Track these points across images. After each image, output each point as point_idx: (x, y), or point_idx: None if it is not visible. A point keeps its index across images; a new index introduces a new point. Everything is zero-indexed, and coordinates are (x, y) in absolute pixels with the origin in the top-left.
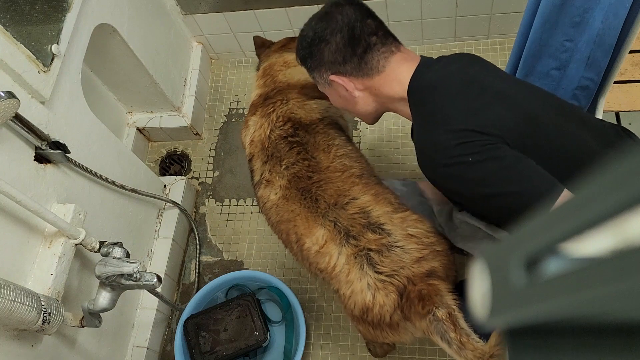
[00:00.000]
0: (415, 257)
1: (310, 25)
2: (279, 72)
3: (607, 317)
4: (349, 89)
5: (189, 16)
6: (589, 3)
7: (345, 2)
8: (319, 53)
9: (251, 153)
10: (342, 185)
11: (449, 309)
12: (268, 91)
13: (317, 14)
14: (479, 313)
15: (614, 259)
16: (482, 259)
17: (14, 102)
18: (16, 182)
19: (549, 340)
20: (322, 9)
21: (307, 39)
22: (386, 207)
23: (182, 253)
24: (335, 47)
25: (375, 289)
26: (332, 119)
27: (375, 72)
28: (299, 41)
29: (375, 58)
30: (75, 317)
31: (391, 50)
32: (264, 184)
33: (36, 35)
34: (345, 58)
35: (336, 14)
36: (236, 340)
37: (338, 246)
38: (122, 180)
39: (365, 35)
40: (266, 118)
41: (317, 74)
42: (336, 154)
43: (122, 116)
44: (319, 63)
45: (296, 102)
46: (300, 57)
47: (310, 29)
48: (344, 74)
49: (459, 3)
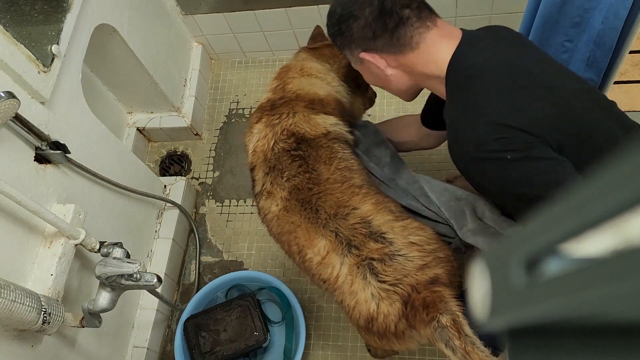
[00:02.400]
0: (418, 264)
1: (338, 1)
2: (291, 80)
3: (607, 317)
4: (381, 67)
5: (189, 16)
6: (589, 3)
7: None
8: (347, 30)
9: (253, 163)
10: (341, 196)
11: (453, 316)
12: (276, 99)
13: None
14: (479, 313)
15: (614, 259)
16: (482, 259)
17: (14, 102)
18: (16, 182)
19: (549, 340)
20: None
21: (335, 16)
22: (387, 215)
23: (182, 253)
24: (364, 22)
25: (379, 298)
26: (338, 133)
27: (408, 48)
28: (328, 18)
29: (408, 34)
30: (75, 317)
31: (426, 25)
32: (265, 195)
33: (36, 35)
34: (376, 33)
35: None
36: (236, 340)
37: (340, 256)
38: (122, 180)
39: (397, 7)
40: (271, 129)
41: (348, 52)
42: (337, 166)
43: (122, 116)
44: (348, 40)
45: (302, 115)
46: (330, 35)
47: (338, 4)
48: (374, 51)
49: (458, 3)
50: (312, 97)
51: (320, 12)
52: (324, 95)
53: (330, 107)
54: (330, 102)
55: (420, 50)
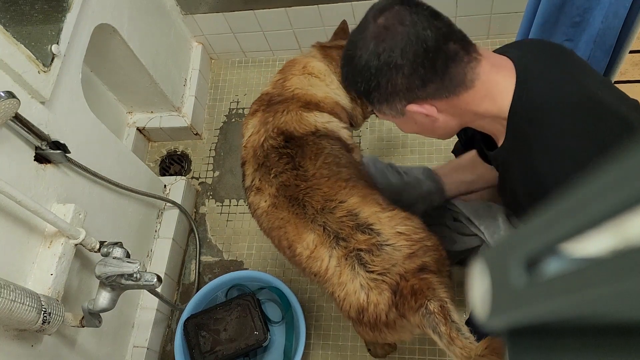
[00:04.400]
0: (406, 253)
1: (370, 49)
2: (292, 76)
3: (607, 317)
4: (431, 114)
5: (189, 16)
6: (589, 3)
7: (392, 2)
8: (390, 83)
9: (244, 157)
10: (328, 190)
11: (441, 302)
12: (275, 94)
13: (370, 31)
14: (479, 313)
15: (614, 259)
16: (482, 259)
17: (14, 102)
18: (16, 182)
19: (549, 340)
20: (373, 23)
21: (370, 70)
22: (374, 207)
23: (182, 253)
24: (409, 70)
25: (368, 288)
26: (329, 130)
27: (462, 88)
28: (356, 72)
29: (460, 72)
30: (75, 317)
31: (475, 57)
32: (254, 191)
33: (36, 35)
34: (425, 79)
35: (396, 26)
36: (236, 340)
37: (328, 249)
38: (122, 180)
39: (441, 44)
40: (264, 126)
41: (386, 106)
42: (324, 161)
43: (122, 116)
44: (390, 94)
45: (294, 114)
46: (361, 92)
47: (371, 55)
48: (424, 99)
49: (458, 3)
50: (308, 98)
51: (320, 12)
52: (321, 97)
53: (327, 108)
54: (327, 104)
55: (476, 88)
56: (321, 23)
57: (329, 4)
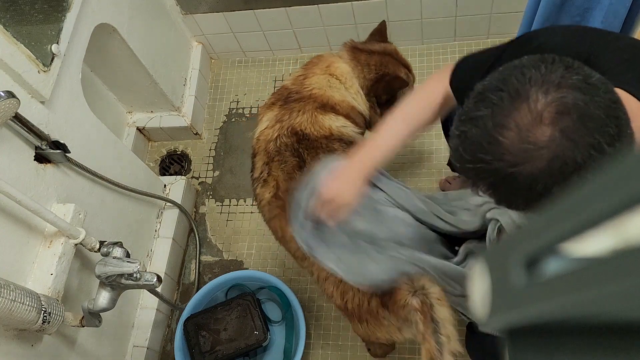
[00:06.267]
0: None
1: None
2: (313, 75)
3: (607, 317)
4: None
5: (189, 16)
6: (589, 3)
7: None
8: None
9: (255, 149)
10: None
11: (425, 297)
12: (292, 91)
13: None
14: (479, 313)
15: (614, 259)
16: (482, 259)
17: (14, 102)
18: (16, 182)
19: (549, 340)
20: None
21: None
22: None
23: (182, 253)
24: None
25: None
26: (344, 134)
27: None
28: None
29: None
30: (75, 317)
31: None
32: (261, 183)
33: (36, 35)
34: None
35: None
36: (236, 339)
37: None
38: (122, 180)
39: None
40: (279, 122)
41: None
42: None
43: (122, 116)
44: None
45: (309, 115)
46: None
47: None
48: None
49: (459, 3)
50: (325, 99)
51: (320, 11)
52: (338, 100)
53: (342, 111)
54: (343, 107)
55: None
56: (321, 23)
57: (329, 4)
